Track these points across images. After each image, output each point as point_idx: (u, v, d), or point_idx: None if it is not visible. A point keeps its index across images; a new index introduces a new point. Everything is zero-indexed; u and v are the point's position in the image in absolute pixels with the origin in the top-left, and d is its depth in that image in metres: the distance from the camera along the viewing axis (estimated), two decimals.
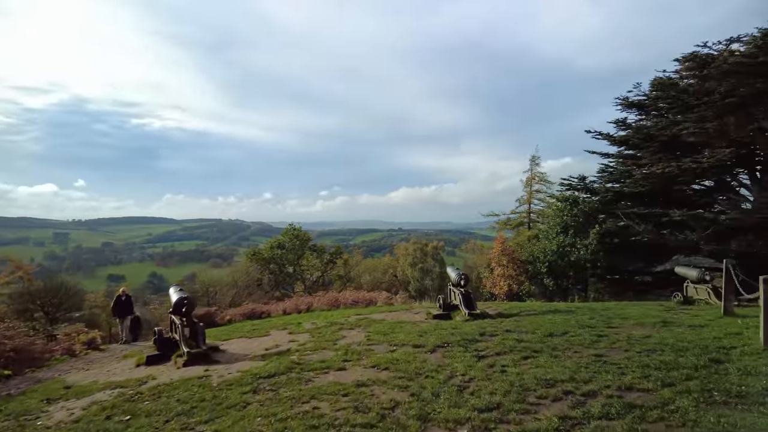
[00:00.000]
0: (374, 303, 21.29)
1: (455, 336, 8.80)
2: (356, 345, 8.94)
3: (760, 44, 17.89)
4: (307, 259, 39.41)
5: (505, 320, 10.63)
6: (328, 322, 12.59)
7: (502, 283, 22.10)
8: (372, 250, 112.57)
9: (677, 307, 12.10)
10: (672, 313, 10.68)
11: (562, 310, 11.88)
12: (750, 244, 17.10)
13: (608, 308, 11.91)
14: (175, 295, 10.88)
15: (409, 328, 10.46)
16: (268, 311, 22.31)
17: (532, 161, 38.38)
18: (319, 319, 14.06)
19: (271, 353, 9.28)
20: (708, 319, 9.04)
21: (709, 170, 18.71)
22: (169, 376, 8.28)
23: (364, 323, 11.79)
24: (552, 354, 6.92)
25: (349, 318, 13.11)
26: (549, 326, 9.19)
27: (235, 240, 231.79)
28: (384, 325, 11.16)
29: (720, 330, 7.66)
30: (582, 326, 9.09)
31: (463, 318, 11.33)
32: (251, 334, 12.63)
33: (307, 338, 10.58)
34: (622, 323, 9.19)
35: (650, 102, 22.28)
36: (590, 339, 7.77)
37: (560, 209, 22.44)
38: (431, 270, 38.45)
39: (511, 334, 8.65)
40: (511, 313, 12.23)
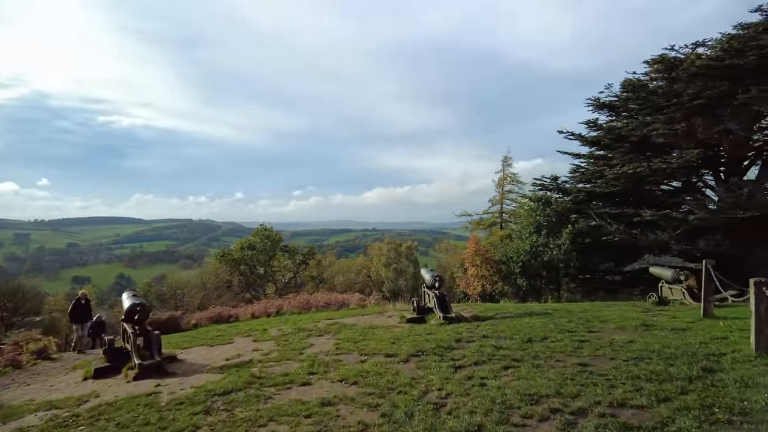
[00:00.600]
0: (347, 305, 20.59)
1: (430, 343, 8.20)
2: (324, 355, 8.24)
3: (726, 47, 18.03)
4: (279, 260, 38.35)
5: (481, 324, 10.11)
6: (296, 328, 11.83)
7: (475, 284, 21.73)
8: (346, 251, 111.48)
9: (653, 308, 11.85)
10: (650, 314, 10.37)
11: (539, 312, 11.45)
12: (717, 244, 17.20)
13: (585, 310, 11.55)
14: (128, 301, 9.94)
15: (382, 333, 9.82)
16: (236, 315, 21.29)
17: (505, 162, 38.42)
18: (287, 324, 13.27)
19: (232, 364, 8.49)
20: (688, 321, 8.72)
21: (678, 171, 18.78)
22: (114, 392, 7.39)
23: (334, 329, 11.08)
24: (534, 363, 6.39)
25: (319, 323, 12.37)
26: (527, 331, 8.70)
27: (205, 240, 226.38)
28: (355, 331, 10.49)
29: (704, 334, 7.30)
30: (561, 330, 8.63)
31: (438, 322, 10.76)
32: (214, 342, 11.76)
33: (272, 346, 9.81)
34: (602, 327, 8.78)
35: (621, 103, 22.33)
36: (572, 345, 7.29)
37: (533, 209, 22.24)
38: (405, 270, 37.96)
39: (488, 341, 8.11)
40: (486, 315, 11.73)
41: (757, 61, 17.61)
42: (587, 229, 22.19)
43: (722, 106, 18.58)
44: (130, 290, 10.96)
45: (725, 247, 16.86)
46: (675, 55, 20.43)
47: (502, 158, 38.34)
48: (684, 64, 18.95)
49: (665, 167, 18.20)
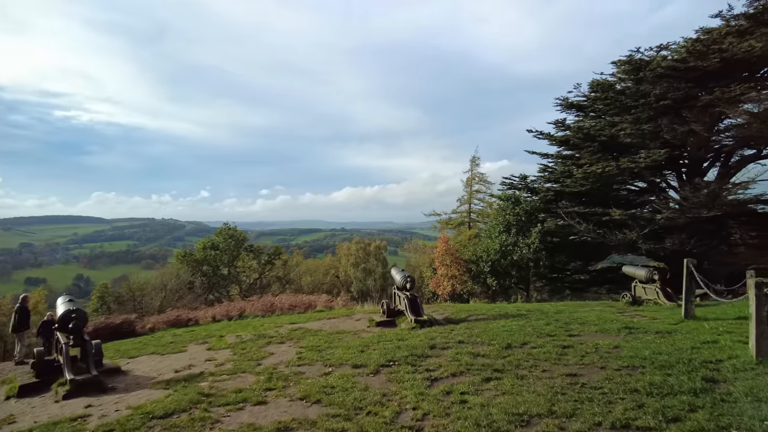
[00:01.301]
0: (313, 307, 19.63)
1: (402, 350, 7.42)
2: (284, 366, 7.33)
3: (691, 50, 18.11)
4: (243, 261, 36.88)
5: (455, 327, 9.42)
6: (256, 334, 10.82)
7: (445, 283, 21.16)
8: (314, 250, 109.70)
9: (628, 308, 11.50)
10: (627, 315, 9.94)
11: (513, 314, 10.88)
12: (683, 243, 17.21)
13: (560, 311, 11.05)
14: (62, 307, 8.71)
15: (349, 340, 8.98)
16: (196, 318, 19.93)
17: (473, 162, 38.13)
18: (247, 329, 12.23)
19: (180, 377, 7.47)
20: (670, 323, 8.28)
21: (645, 170, 18.74)
22: (35, 416, 6.26)
23: (297, 335, 10.16)
24: (517, 374, 5.71)
25: (281, 328, 11.41)
26: (505, 335, 8.05)
27: (169, 240, 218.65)
28: (320, 337, 9.60)
29: (692, 338, 6.82)
30: (540, 334, 8.03)
31: (409, 325, 10.02)
32: (165, 349, 10.64)
33: (228, 355, 8.82)
34: (583, 330, 8.23)
35: (589, 103, 22.26)
36: (555, 352, 6.67)
37: (503, 208, 21.87)
38: (374, 270, 37.15)
39: (465, 347, 7.40)
40: (459, 317, 11.07)
41: (719, 64, 17.75)
42: (555, 228, 22.03)
43: (687, 107, 18.69)
44: (66, 295, 9.70)
45: (690, 246, 16.87)
46: (641, 57, 20.50)
47: (471, 158, 38.04)
48: (650, 66, 18.95)
49: (633, 166, 18.13)
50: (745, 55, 17.22)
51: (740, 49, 17.12)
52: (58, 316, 8.53)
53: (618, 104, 20.26)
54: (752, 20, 18.03)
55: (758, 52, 17.02)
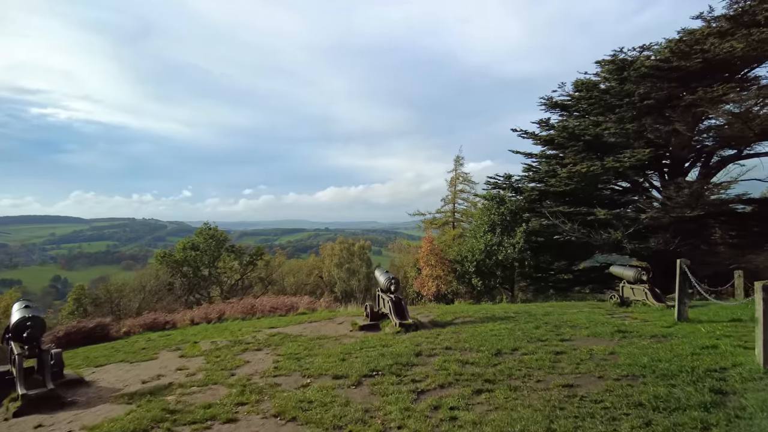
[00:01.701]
0: (295, 309, 19.01)
1: (386, 358, 6.93)
2: (259, 377, 6.78)
3: (675, 49, 18.04)
4: (224, 261, 35.97)
5: (442, 331, 8.97)
6: (232, 340, 10.21)
7: (430, 284, 20.75)
8: (298, 250, 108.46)
9: (616, 309, 11.20)
10: (617, 317, 9.63)
11: (500, 317, 10.48)
12: (667, 243, 17.11)
13: (548, 313, 10.70)
14: (17, 314, 7.98)
15: (330, 346, 8.45)
16: (173, 321, 19.12)
17: (457, 161, 37.91)
18: (224, 334, 11.61)
19: (147, 389, 6.85)
20: (663, 326, 7.96)
21: (630, 170, 18.63)
22: None
23: (275, 341, 9.59)
24: (510, 386, 5.27)
25: (259, 333, 10.81)
26: (493, 340, 7.62)
27: (150, 240, 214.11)
28: (299, 343, 9.04)
29: (690, 343, 6.48)
30: (531, 339, 7.63)
31: (394, 329, 9.52)
32: (136, 356, 9.96)
33: (201, 364, 8.21)
34: (574, 334, 7.86)
35: (573, 102, 22.11)
36: (548, 359, 6.26)
37: (487, 207, 21.56)
38: (358, 270, 36.58)
39: (452, 354, 6.95)
40: (445, 320, 10.64)
41: (701, 64, 17.72)
42: (540, 228, 21.83)
43: (670, 107, 18.63)
44: (23, 300, 8.94)
45: (674, 245, 16.77)
46: (624, 57, 20.43)
47: (455, 158, 37.84)
48: (634, 65, 18.85)
49: (618, 166, 17.98)
50: (727, 55, 17.20)
51: (722, 50, 17.09)
52: (12, 323, 7.81)
53: (602, 103, 20.13)
54: (733, 22, 18.04)
55: (739, 53, 17.01)
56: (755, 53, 16.85)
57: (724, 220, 20.46)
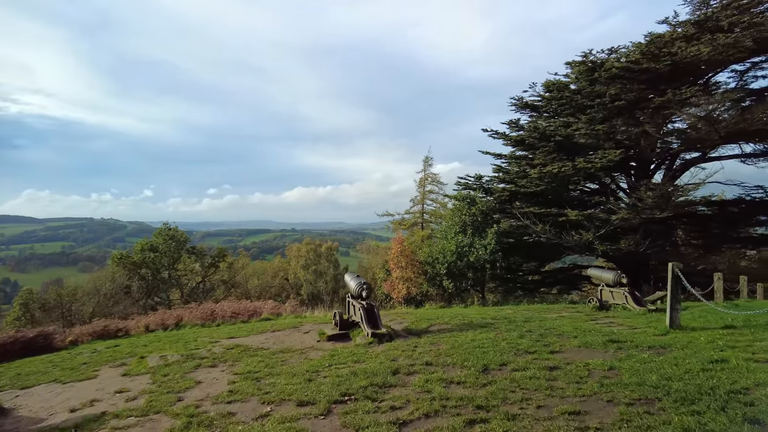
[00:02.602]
0: (258, 314, 17.76)
1: (359, 378, 5.97)
2: (210, 402, 5.69)
3: (645, 51, 17.93)
4: (185, 263, 34.08)
5: (419, 342, 8.09)
6: (185, 354, 8.98)
7: (400, 286, 19.92)
8: (263, 252, 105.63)
9: (596, 313, 10.67)
10: (601, 323, 9.03)
11: (479, 324, 9.72)
12: (638, 244, 16.93)
13: (528, 319, 10.02)
14: None
15: (295, 362, 7.41)
16: (127, 328, 17.48)
17: (426, 162, 37.44)
18: (178, 345, 10.34)
19: (73, 421, 5.63)
20: (656, 334, 7.36)
21: (601, 170, 18.40)
22: None
23: (233, 355, 8.45)
24: (507, 414, 4.42)
25: (216, 345, 9.62)
26: (478, 354, 6.80)
27: (109, 241, 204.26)
28: (260, 358, 7.94)
29: (694, 355, 5.84)
30: (518, 351, 6.85)
31: (366, 340, 8.58)
32: (73, 374, 8.62)
33: (145, 385, 7.02)
34: (563, 344, 7.13)
35: (544, 103, 21.81)
36: (543, 376, 5.48)
37: (458, 208, 20.93)
38: (325, 272, 35.36)
39: (434, 372, 6.07)
40: (420, 328, 9.78)
41: (669, 67, 17.68)
42: (509, 228, 21.42)
43: (639, 108, 18.54)
44: None
45: (645, 247, 16.61)
46: (593, 59, 20.28)
47: (423, 159, 37.37)
48: (605, 66, 18.66)
49: (589, 167, 17.69)
50: (694, 59, 17.21)
51: (689, 53, 17.08)
52: None
53: (573, 104, 19.88)
54: (698, 27, 18.12)
55: (705, 57, 17.03)
56: (720, 57, 16.91)
57: (687, 221, 20.63)
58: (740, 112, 16.04)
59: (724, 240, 20.63)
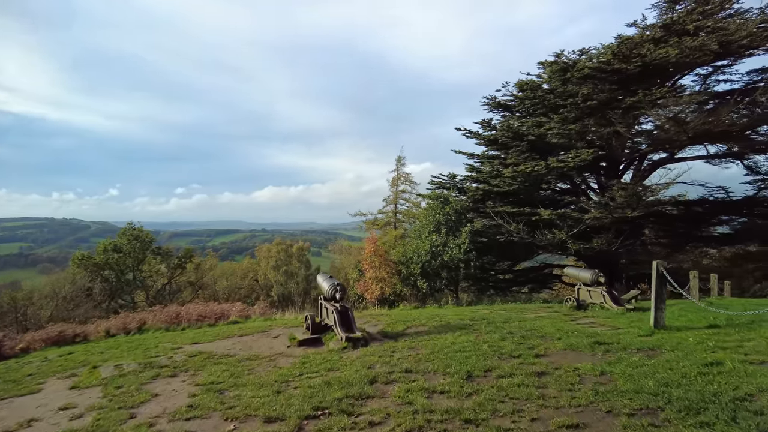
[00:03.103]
0: (226, 317, 16.91)
1: (333, 388, 5.40)
2: (167, 419, 5.00)
3: (616, 51, 18.01)
4: (150, 264, 32.57)
5: (396, 346, 7.58)
6: (143, 362, 8.17)
7: (374, 287, 19.38)
8: (233, 252, 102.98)
9: (574, 313, 10.41)
10: (582, 323, 8.74)
11: (457, 326, 9.29)
12: (610, 243, 16.95)
13: (507, 320, 9.65)
14: None
15: (263, 371, 6.77)
16: (85, 333, 16.26)
17: (398, 162, 36.99)
18: (137, 352, 9.49)
19: None
20: (642, 335, 7.08)
21: (574, 170, 18.38)
22: None
23: (196, 363, 7.71)
24: (499, 429, 3.95)
25: (178, 352, 8.83)
26: (460, 358, 6.34)
27: (71, 242, 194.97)
28: (225, 366, 7.24)
29: (687, 358, 5.54)
30: (502, 355, 6.43)
31: (340, 345, 8.01)
32: (14, 388, 7.69)
33: (95, 399, 6.23)
34: (548, 348, 6.75)
35: (517, 103, 21.70)
36: (532, 383, 5.05)
37: (432, 207, 20.57)
38: (296, 273, 34.43)
39: (415, 380, 5.56)
40: (396, 331, 9.27)
41: (640, 68, 17.82)
42: (482, 228, 21.22)
43: (611, 108, 18.63)
44: None
45: (617, 246, 16.64)
46: (565, 60, 20.31)
47: (396, 158, 36.89)
48: (577, 66, 18.66)
49: (562, 166, 17.62)
50: (662, 61, 17.39)
51: (658, 55, 17.24)
52: None
53: (546, 104, 19.82)
54: (666, 30, 18.35)
55: (673, 59, 17.23)
56: (688, 60, 17.13)
57: (653, 221, 20.91)
58: (707, 114, 16.27)
59: (689, 239, 21.03)
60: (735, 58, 18.40)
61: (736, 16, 18.20)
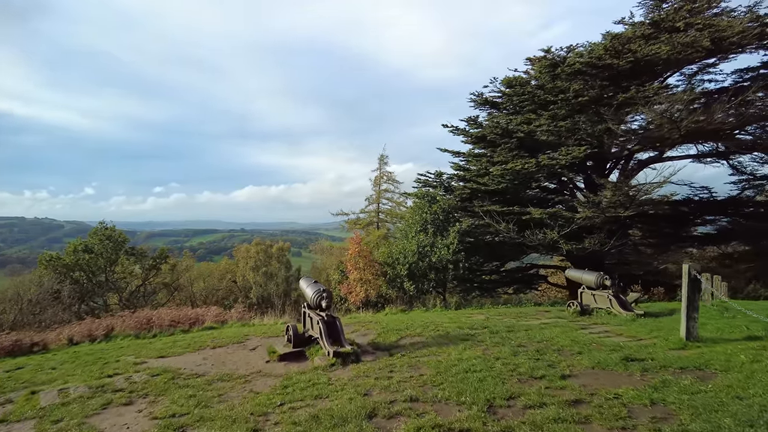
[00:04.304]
0: (201, 322, 15.54)
1: (322, 426, 4.23)
2: None
3: (608, 46, 17.31)
4: (123, 265, 30.63)
5: (393, 363, 6.44)
6: (95, 385, 6.79)
7: (358, 289, 18.20)
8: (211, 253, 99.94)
9: (581, 319, 9.47)
10: (597, 333, 7.77)
11: (457, 335, 8.23)
12: (602, 243, 16.20)
13: (511, 328, 8.62)
14: None
15: (237, 398, 5.53)
16: (45, 342, 14.61)
17: (381, 160, 35.96)
18: (92, 370, 8.09)
19: None
20: (673, 348, 6.13)
21: (565, 167, 17.58)
22: None
23: (158, 385, 6.41)
24: None
25: (138, 373, 7.48)
26: (473, 381, 5.24)
27: (43, 242, 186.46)
28: (192, 390, 5.96)
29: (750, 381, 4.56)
30: (521, 376, 5.37)
31: (327, 361, 6.82)
32: None
33: None
34: (571, 364, 5.73)
35: (504, 99, 20.82)
36: (571, 416, 3.99)
37: (419, 206, 19.51)
38: (276, 274, 32.92)
39: (425, 412, 4.43)
40: (389, 342, 8.16)
41: (631, 65, 17.17)
42: (470, 228, 20.29)
43: (603, 105, 17.94)
44: None
45: (609, 246, 15.89)
46: (553, 56, 19.55)
47: (379, 156, 35.85)
48: (568, 61, 17.88)
49: (554, 163, 16.78)
50: (654, 57, 16.76)
51: (649, 51, 16.61)
52: None
53: (535, 100, 18.99)
54: (655, 27, 17.75)
55: (665, 56, 16.61)
56: (680, 56, 16.53)
57: (640, 221, 20.34)
58: (700, 111, 15.67)
59: (674, 239, 20.55)
60: (723, 56, 17.93)
61: (722, 14, 17.75)
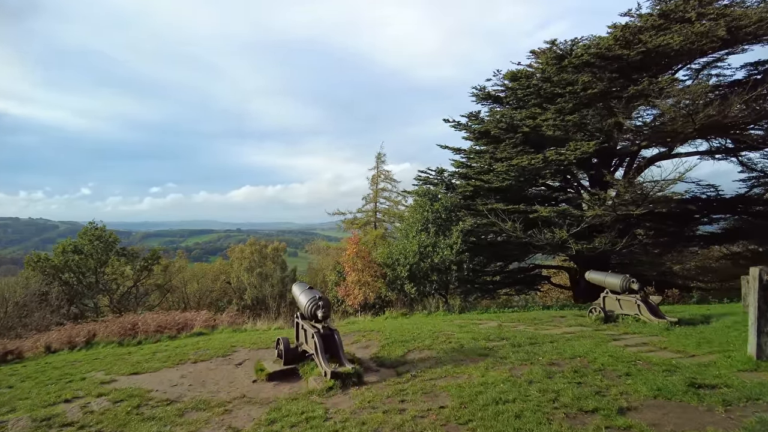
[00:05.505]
0: (189, 327, 14.32)
1: None
2: None
3: (618, 37, 16.25)
4: (113, 266, 29.24)
5: (404, 388, 5.27)
6: (39, 417, 5.52)
7: (356, 292, 16.98)
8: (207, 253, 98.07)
9: (608, 328, 8.32)
10: (636, 346, 6.63)
11: (473, 349, 7.06)
12: (614, 242, 15.10)
13: (533, 340, 7.46)
14: None
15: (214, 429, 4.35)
16: (20, 350, 13.26)
17: (378, 159, 34.73)
18: (48, 391, 6.82)
19: None
20: (743, 369, 5.01)
21: (573, 163, 16.47)
22: None
23: (118, 417, 5.18)
24: None
25: (100, 397, 6.23)
26: (509, 417, 4.09)
27: (37, 243, 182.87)
28: (158, 426, 4.77)
29: None
30: (567, 409, 4.22)
31: (324, 383, 5.62)
32: None
33: None
34: (626, 392, 4.58)
35: (508, 93, 19.68)
36: None
37: (420, 204, 18.32)
38: (271, 275, 31.61)
39: None
40: (395, 357, 6.98)
41: (641, 56, 16.12)
42: (472, 227, 19.16)
43: (612, 98, 16.88)
44: None
45: (621, 245, 14.79)
46: (558, 48, 18.49)
47: (376, 155, 34.62)
48: (575, 53, 16.80)
49: (562, 159, 15.65)
50: (665, 48, 15.72)
51: (661, 41, 15.57)
52: None
53: (541, 93, 17.86)
54: (665, 18, 16.73)
55: (677, 47, 15.57)
56: (693, 47, 15.48)
57: (646, 220, 19.31)
58: (717, 104, 14.61)
59: (681, 238, 19.56)
60: (735, 48, 16.94)
61: (734, 5, 16.78)
